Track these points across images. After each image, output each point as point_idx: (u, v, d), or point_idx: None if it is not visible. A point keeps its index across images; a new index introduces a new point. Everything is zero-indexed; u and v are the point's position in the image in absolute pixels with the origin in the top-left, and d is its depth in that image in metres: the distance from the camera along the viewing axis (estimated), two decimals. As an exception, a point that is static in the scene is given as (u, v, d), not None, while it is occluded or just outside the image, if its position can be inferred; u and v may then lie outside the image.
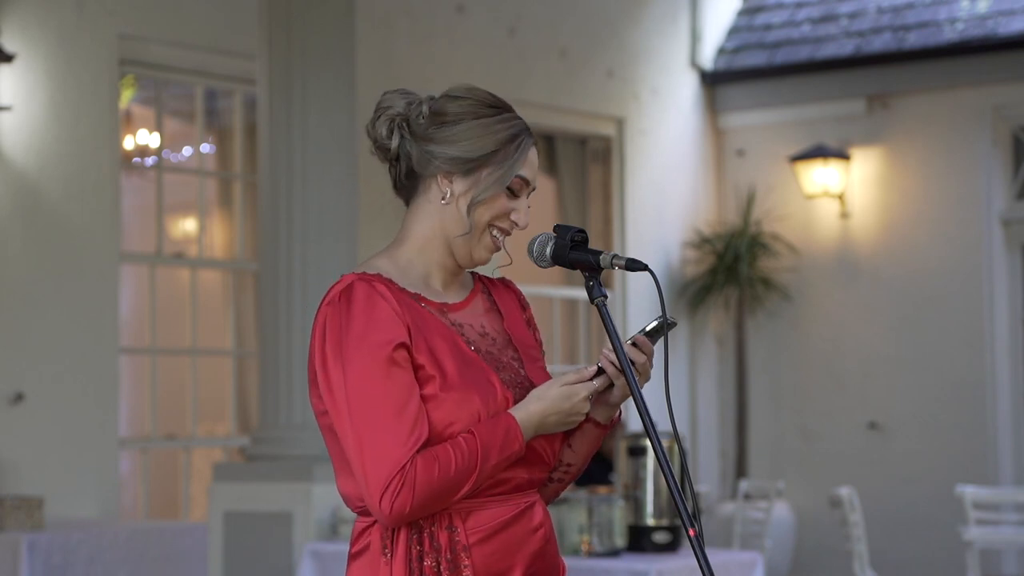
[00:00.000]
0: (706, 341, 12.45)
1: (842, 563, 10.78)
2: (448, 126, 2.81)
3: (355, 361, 2.70)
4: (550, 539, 2.90)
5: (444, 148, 2.80)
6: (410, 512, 2.69)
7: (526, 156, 2.83)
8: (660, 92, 12.31)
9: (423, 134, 2.82)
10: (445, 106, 2.83)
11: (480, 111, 2.83)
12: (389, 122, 2.85)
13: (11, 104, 8.69)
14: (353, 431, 2.70)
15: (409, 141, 2.83)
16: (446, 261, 2.87)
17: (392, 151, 2.85)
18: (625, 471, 6.80)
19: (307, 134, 7.97)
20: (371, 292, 2.74)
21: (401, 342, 2.72)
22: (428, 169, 2.82)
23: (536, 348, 2.97)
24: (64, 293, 8.92)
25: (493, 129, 2.81)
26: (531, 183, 2.85)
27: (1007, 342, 11.61)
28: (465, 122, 2.81)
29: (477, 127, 2.81)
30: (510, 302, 2.99)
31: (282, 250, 7.98)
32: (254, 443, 8.11)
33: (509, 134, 2.82)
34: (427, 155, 2.82)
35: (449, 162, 2.80)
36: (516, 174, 2.82)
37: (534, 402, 2.78)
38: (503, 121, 2.83)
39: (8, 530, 7.31)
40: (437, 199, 2.83)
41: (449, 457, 2.69)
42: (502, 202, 2.82)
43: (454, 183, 2.81)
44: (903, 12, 12.00)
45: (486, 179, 2.80)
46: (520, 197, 2.85)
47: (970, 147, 11.63)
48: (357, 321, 2.72)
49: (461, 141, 2.80)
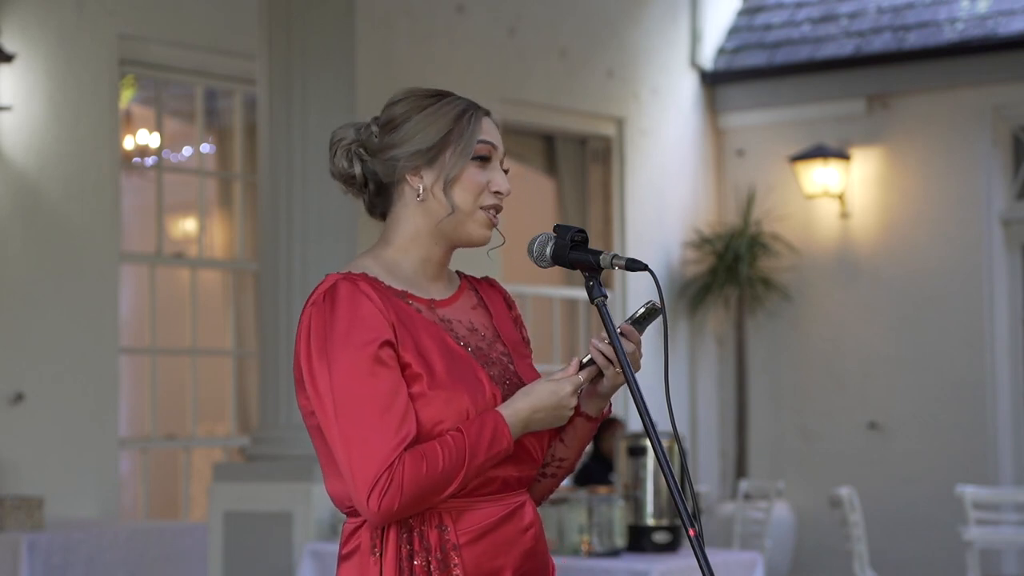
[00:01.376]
0: (706, 341, 12.45)
1: (842, 563, 10.78)
2: (399, 128, 2.86)
3: (340, 360, 2.71)
4: (540, 538, 2.89)
5: (402, 148, 2.84)
6: (398, 510, 2.69)
7: (480, 125, 2.87)
8: (660, 92, 12.31)
9: (380, 146, 2.87)
10: (391, 112, 2.89)
11: (423, 103, 2.88)
12: (346, 152, 2.90)
13: (11, 104, 8.70)
14: (339, 430, 2.70)
15: (369, 160, 2.89)
16: (432, 255, 2.88)
17: (358, 177, 2.90)
18: (625, 471, 6.80)
19: (307, 134, 7.97)
20: (355, 291, 2.75)
21: (386, 340, 2.72)
22: (395, 174, 2.86)
23: (524, 345, 2.98)
24: (64, 293, 8.92)
25: (440, 113, 2.85)
26: (497, 147, 2.88)
27: (1007, 342, 11.61)
28: (413, 118, 2.86)
29: (425, 117, 2.85)
30: (497, 300, 3.01)
31: (282, 250, 7.99)
32: (254, 443, 8.11)
33: (456, 112, 2.86)
34: (390, 162, 2.86)
35: (411, 158, 2.84)
36: (477, 140, 2.85)
37: (521, 399, 2.78)
38: (446, 104, 2.87)
39: (8, 530, 7.31)
40: (413, 198, 2.86)
41: (436, 455, 2.69)
42: (475, 175, 2.85)
43: (423, 176, 2.85)
44: (903, 12, 12.00)
45: (451, 158, 2.84)
46: (492, 164, 2.88)
47: (970, 147, 11.63)
48: (341, 321, 2.73)
49: (415, 135, 2.84)
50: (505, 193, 2.88)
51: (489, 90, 10.69)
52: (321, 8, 8.05)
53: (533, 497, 2.94)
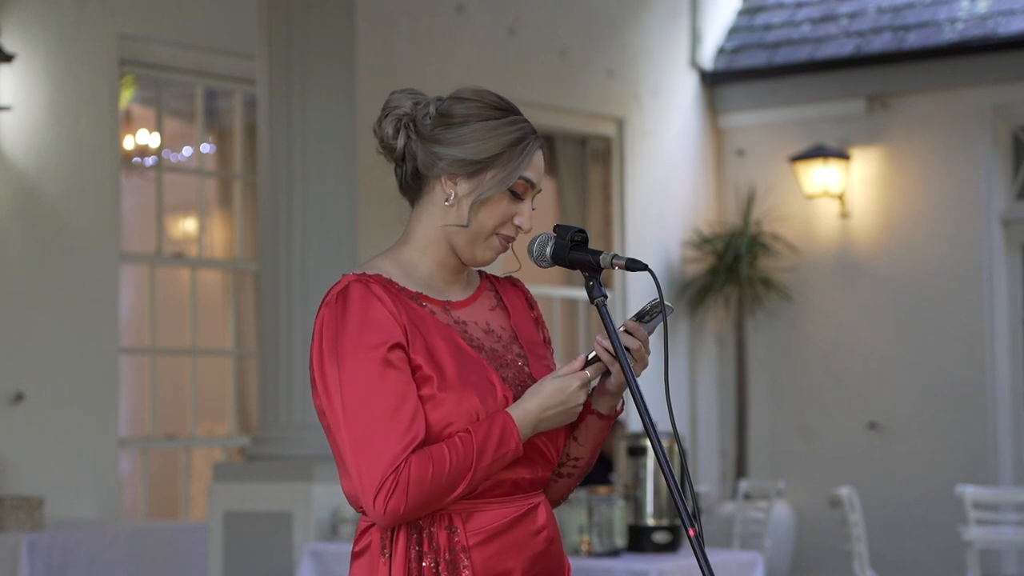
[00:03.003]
0: (706, 341, 12.45)
1: (842, 563, 10.78)
2: (454, 128, 2.80)
3: (350, 362, 2.70)
4: (554, 540, 2.88)
5: (449, 150, 2.79)
6: (405, 512, 2.68)
7: (531, 159, 2.81)
8: (660, 92, 12.31)
9: (429, 135, 2.81)
10: (452, 108, 2.82)
11: (486, 113, 2.81)
12: (396, 122, 2.83)
13: (11, 104, 8.69)
14: (348, 432, 2.70)
15: (415, 142, 2.82)
16: (449, 260, 2.86)
17: (398, 151, 2.84)
18: (625, 471, 6.80)
19: (307, 134, 7.96)
20: (366, 293, 2.74)
21: (397, 342, 2.71)
22: (433, 170, 2.81)
23: (543, 346, 2.96)
24: (64, 293, 8.92)
25: (499, 132, 2.79)
26: (536, 186, 2.84)
27: (1007, 342, 11.61)
28: (471, 124, 2.79)
29: (482, 129, 2.79)
30: (517, 300, 2.99)
31: (282, 250, 7.98)
32: (254, 443, 8.11)
33: (515, 137, 2.80)
34: (432, 156, 2.80)
35: (454, 164, 2.79)
36: (520, 176, 2.80)
37: (530, 399, 2.77)
38: (509, 124, 2.81)
39: (8, 530, 7.31)
40: (441, 200, 2.82)
41: (444, 456, 2.69)
42: (505, 205, 2.81)
43: (458, 185, 2.80)
44: (903, 12, 12.00)
45: (489, 181, 2.78)
46: (524, 200, 2.83)
47: (970, 147, 11.63)
48: (352, 322, 2.72)
49: (466, 143, 2.78)
50: (526, 231, 2.85)
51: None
52: (321, 8, 8.05)
53: (550, 498, 2.94)
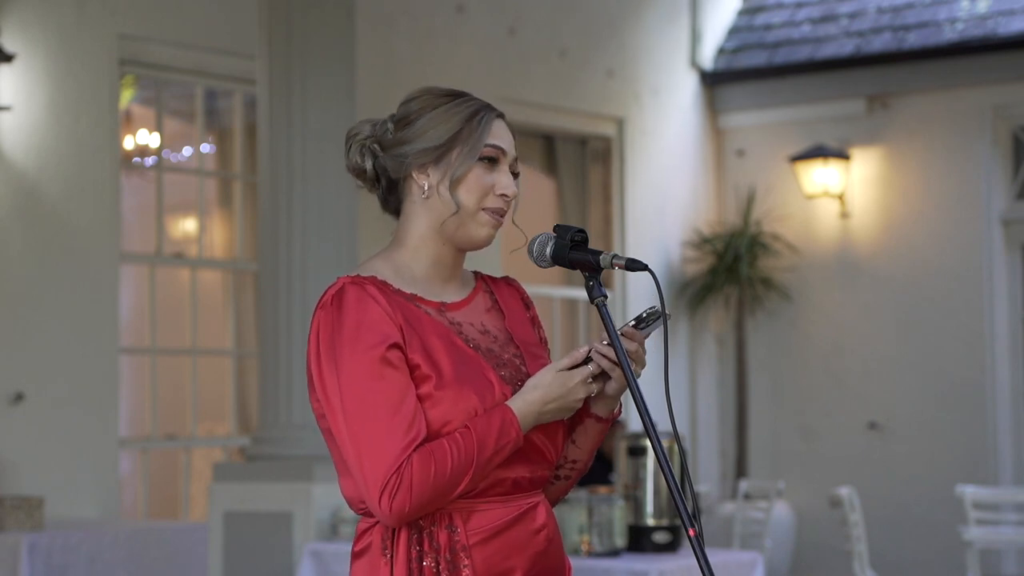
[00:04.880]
0: (706, 341, 12.45)
1: (842, 563, 10.78)
2: (412, 125, 2.86)
3: (348, 363, 2.72)
4: (554, 540, 2.89)
5: (412, 145, 2.85)
6: (410, 510, 2.70)
7: (490, 127, 2.87)
8: (660, 92, 12.31)
9: (392, 142, 2.88)
10: (405, 109, 2.90)
11: (437, 102, 2.88)
12: (360, 147, 2.91)
13: (11, 104, 8.70)
14: (349, 432, 2.71)
15: (382, 157, 2.89)
16: (443, 256, 2.88)
17: (369, 173, 2.91)
18: (625, 471, 6.80)
19: (307, 134, 7.97)
20: (362, 294, 2.76)
21: (394, 342, 2.73)
22: (403, 170, 2.87)
23: (539, 346, 2.97)
24: (64, 293, 8.92)
25: (452, 112, 2.86)
26: (507, 152, 2.88)
27: (1007, 342, 11.61)
28: (425, 115, 2.86)
29: (437, 115, 2.85)
30: (513, 300, 3.00)
31: (282, 250, 7.98)
32: (254, 443, 8.11)
33: (468, 112, 2.86)
34: (399, 158, 2.86)
35: (420, 155, 2.84)
36: (485, 144, 2.84)
37: (531, 391, 2.78)
38: (460, 104, 2.87)
39: (8, 530, 7.31)
40: (419, 195, 2.86)
41: (445, 452, 2.70)
42: (480, 177, 2.84)
43: (429, 174, 2.85)
44: (903, 12, 12.00)
45: (457, 158, 2.84)
46: (500, 167, 2.87)
47: (970, 147, 11.64)
48: (348, 324, 2.74)
49: (425, 132, 2.85)
50: (511, 196, 2.87)
51: (489, 90, 10.68)
52: (321, 8, 8.05)
53: (547, 500, 2.94)
